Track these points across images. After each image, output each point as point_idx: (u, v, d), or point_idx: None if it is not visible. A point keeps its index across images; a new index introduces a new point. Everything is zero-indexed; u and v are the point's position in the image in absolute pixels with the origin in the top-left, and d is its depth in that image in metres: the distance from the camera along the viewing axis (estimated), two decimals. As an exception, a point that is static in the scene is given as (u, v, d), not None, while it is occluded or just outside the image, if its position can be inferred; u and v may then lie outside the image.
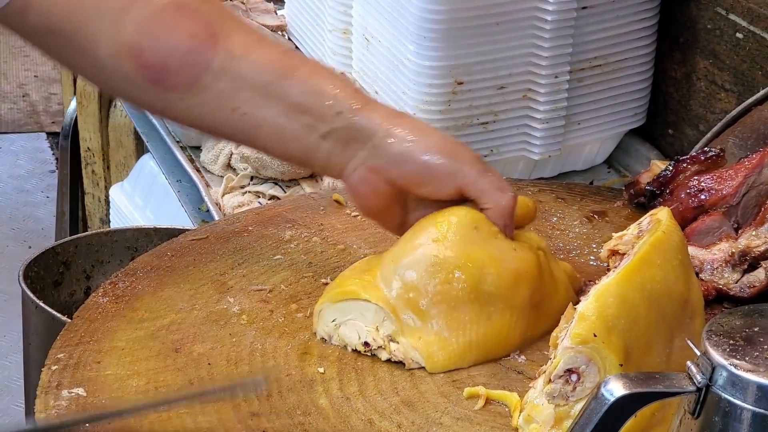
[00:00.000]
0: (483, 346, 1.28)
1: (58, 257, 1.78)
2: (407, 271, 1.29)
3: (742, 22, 1.83)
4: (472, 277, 1.27)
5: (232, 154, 1.94)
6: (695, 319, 1.25)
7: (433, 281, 1.28)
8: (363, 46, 1.98)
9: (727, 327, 1.01)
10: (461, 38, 1.82)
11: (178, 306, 1.41)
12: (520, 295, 1.29)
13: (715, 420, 0.98)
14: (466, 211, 1.32)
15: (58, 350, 1.32)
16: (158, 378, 1.29)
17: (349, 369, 1.31)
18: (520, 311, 1.29)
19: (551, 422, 1.17)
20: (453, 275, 1.28)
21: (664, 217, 1.28)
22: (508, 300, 1.28)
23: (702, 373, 0.99)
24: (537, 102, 1.89)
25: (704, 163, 1.59)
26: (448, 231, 1.30)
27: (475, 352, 1.28)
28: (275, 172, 1.89)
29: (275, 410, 1.25)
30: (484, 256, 1.29)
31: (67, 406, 1.24)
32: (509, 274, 1.29)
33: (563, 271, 1.39)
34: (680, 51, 1.98)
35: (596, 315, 1.17)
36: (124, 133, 2.61)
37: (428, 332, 1.27)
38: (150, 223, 2.17)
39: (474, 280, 1.27)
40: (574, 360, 1.16)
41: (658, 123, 2.04)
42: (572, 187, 1.72)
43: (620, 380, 1.00)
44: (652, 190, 1.61)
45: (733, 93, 1.87)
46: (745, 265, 1.46)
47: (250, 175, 1.92)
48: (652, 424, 1.17)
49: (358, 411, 1.25)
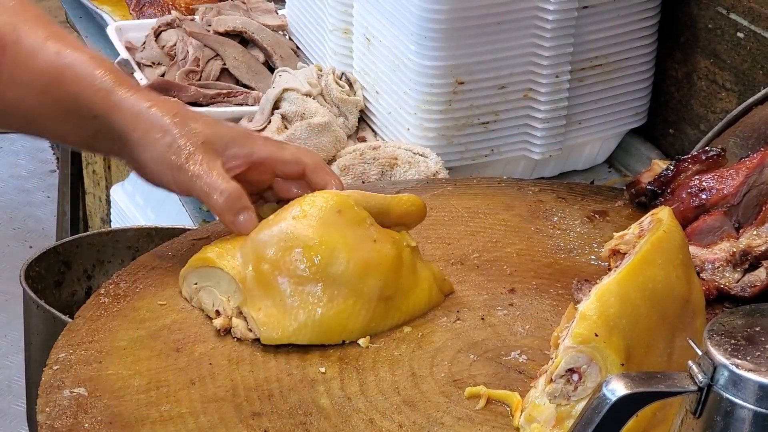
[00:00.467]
0: (321, 327, 1.29)
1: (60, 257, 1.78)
2: (260, 244, 1.33)
3: (743, 21, 1.83)
4: (322, 258, 1.30)
5: (233, 154, 1.94)
6: (696, 319, 1.25)
7: (282, 256, 1.31)
8: (364, 45, 1.98)
9: (728, 326, 1.01)
10: (462, 38, 1.82)
11: (179, 306, 1.41)
12: (368, 285, 1.31)
13: (716, 419, 0.98)
14: (334, 194, 1.36)
15: (59, 350, 1.32)
16: (159, 378, 1.29)
17: (351, 369, 1.31)
18: (366, 300, 1.31)
19: (553, 422, 1.17)
20: (302, 253, 1.30)
21: (665, 216, 1.28)
22: (356, 287, 1.30)
23: (703, 373, 0.99)
24: (538, 102, 1.89)
25: (705, 162, 1.59)
26: (310, 210, 1.34)
27: (312, 330, 1.29)
28: (276, 171, 1.89)
29: (277, 410, 1.25)
30: (338, 240, 1.32)
31: (68, 405, 1.24)
32: (360, 262, 1.31)
33: (431, 272, 1.40)
34: (681, 50, 1.98)
35: (598, 315, 1.17)
36: (125, 132, 2.61)
37: (269, 305, 1.29)
38: (151, 222, 2.17)
39: (323, 261, 1.30)
40: (575, 360, 1.16)
41: (659, 122, 2.04)
42: (573, 187, 1.72)
43: (622, 380, 1.00)
44: (653, 190, 1.61)
45: (734, 92, 1.87)
46: (746, 264, 1.46)
47: (251, 175, 1.92)
48: (653, 423, 1.17)
49: (359, 411, 1.25)
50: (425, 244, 1.51)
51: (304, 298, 1.30)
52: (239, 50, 2.19)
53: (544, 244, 1.56)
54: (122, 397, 1.26)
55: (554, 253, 1.55)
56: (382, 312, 1.33)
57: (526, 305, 1.44)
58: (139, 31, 2.29)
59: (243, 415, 1.24)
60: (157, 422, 1.23)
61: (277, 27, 2.28)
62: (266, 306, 1.30)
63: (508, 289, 1.46)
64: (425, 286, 1.38)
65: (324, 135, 1.90)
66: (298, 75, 2.01)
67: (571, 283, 1.43)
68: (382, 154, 1.84)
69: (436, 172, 1.82)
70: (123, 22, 2.39)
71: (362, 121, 2.03)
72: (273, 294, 1.30)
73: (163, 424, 1.22)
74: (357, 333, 1.33)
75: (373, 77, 1.98)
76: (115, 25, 2.33)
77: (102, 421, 1.22)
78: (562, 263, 1.53)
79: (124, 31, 2.31)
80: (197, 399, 1.26)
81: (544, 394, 1.18)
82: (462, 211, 1.64)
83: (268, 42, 2.22)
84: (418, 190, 1.66)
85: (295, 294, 1.30)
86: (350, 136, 2.00)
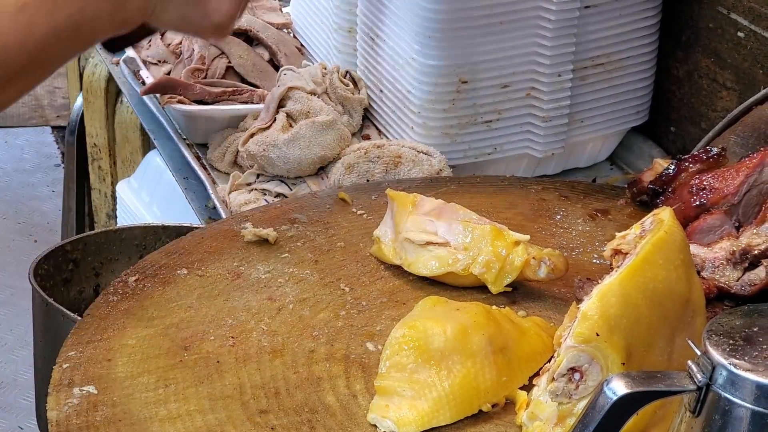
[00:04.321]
0: (455, 398, 1.26)
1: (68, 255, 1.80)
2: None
3: (744, 21, 1.84)
4: (417, 341, 1.28)
5: (238, 152, 1.95)
6: (696, 319, 1.26)
7: (384, 358, 1.29)
8: (368, 44, 1.99)
9: (727, 327, 1.03)
10: (465, 38, 1.83)
11: (187, 304, 1.42)
12: (475, 343, 1.28)
13: (715, 418, 1.00)
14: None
15: (69, 348, 1.34)
16: (168, 375, 1.30)
17: (356, 367, 1.33)
18: (482, 357, 1.27)
19: (554, 420, 1.19)
20: (398, 346, 1.28)
21: (666, 217, 1.29)
22: (464, 350, 1.27)
23: (702, 373, 1.00)
24: (540, 100, 1.90)
25: (706, 162, 1.60)
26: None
27: (449, 405, 1.25)
28: (281, 169, 1.90)
29: (283, 407, 1.27)
30: (425, 320, 1.30)
31: (78, 403, 1.26)
32: (457, 326, 1.29)
33: (532, 321, 1.38)
34: (682, 49, 1.99)
35: (599, 314, 1.18)
36: (131, 129, 2.63)
37: (395, 400, 1.26)
38: (157, 219, 2.18)
39: (420, 343, 1.28)
40: (576, 359, 1.18)
41: (661, 120, 2.06)
42: (576, 185, 1.74)
43: (622, 379, 1.02)
44: (654, 189, 1.63)
45: (735, 91, 1.88)
46: (746, 263, 1.47)
47: (256, 173, 1.94)
48: (653, 422, 1.19)
49: (364, 408, 1.27)
50: (429, 242, 1.52)
51: (423, 382, 1.26)
52: (244, 48, 2.20)
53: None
54: (131, 395, 1.27)
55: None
56: (504, 364, 1.29)
57: (529, 303, 1.45)
58: (145, 29, 2.30)
59: (250, 413, 1.26)
60: (166, 420, 1.24)
61: (281, 25, 2.29)
62: (392, 402, 1.26)
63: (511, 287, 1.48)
64: (532, 333, 1.35)
65: (329, 133, 1.91)
66: (303, 73, 2.02)
67: (574, 282, 1.44)
68: (386, 153, 1.85)
69: (440, 170, 1.83)
70: (128, 20, 2.39)
71: (366, 119, 2.05)
72: (392, 393, 1.27)
73: (171, 422, 1.24)
74: (494, 391, 1.27)
75: (377, 76, 1.99)
76: (121, 23, 2.33)
77: (111, 419, 1.24)
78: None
79: (130, 29, 2.31)
80: (205, 397, 1.28)
81: (546, 393, 1.19)
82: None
83: (273, 40, 2.23)
84: (422, 188, 1.67)
85: (412, 381, 1.26)
86: (355, 134, 2.01)
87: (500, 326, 1.31)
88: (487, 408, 1.26)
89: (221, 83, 2.12)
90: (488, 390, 1.27)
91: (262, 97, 2.07)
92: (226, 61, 2.17)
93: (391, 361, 1.28)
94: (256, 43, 2.23)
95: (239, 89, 2.10)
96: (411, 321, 1.31)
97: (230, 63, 2.17)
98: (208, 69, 2.15)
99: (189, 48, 2.18)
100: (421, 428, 1.24)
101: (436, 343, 1.27)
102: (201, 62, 2.15)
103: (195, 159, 2.02)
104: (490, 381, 1.27)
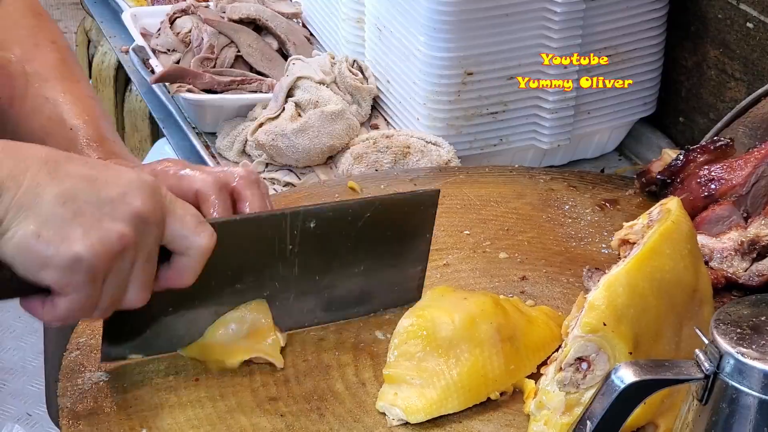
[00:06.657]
0: (463, 386, 1.26)
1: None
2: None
3: (753, 11, 1.85)
4: (426, 330, 1.28)
5: (247, 141, 1.96)
6: (704, 308, 1.27)
7: (393, 347, 1.30)
8: (375, 35, 2.00)
9: (734, 316, 1.03)
10: (471, 29, 1.83)
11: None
12: (483, 331, 1.28)
13: (722, 407, 1.01)
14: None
15: (79, 335, 1.35)
16: (178, 363, 1.31)
17: (365, 355, 1.34)
18: (490, 346, 1.27)
19: (562, 409, 1.19)
20: (406, 335, 1.29)
21: (673, 206, 1.30)
22: (472, 338, 1.27)
23: (710, 361, 1.01)
24: (546, 92, 1.90)
25: (714, 152, 1.61)
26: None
27: (457, 393, 1.26)
28: (290, 159, 1.91)
29: (292, 395, 1.27)
30: (433, 309, 1.31)
31: (89, 390, 1.26)
32: (464, 315, 1.29)
33: (541, 311, 1.39)
34: (691, 40, 1.99)
35: (606, 304, 1.18)
36: (140, 117, 2.63)
37: (404, 389, 1.26)
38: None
39: (429, 332, 1.28)
40: (584, 348, 1.18)
41: (669, 111, 2.06)
42: (584, 175, 1.74)
43: (630, 368, 1.02)
44: (663, 179, 1.63)
45: (743, 82, 1.89)
46: (754, 253, 1.48)
47: (265, 162, 1.94)
48: (661, 410, 1.19)
49: (373, 396, 1.28)
50: (437, 232, 1.52)
51: (432, 370, 1.26)
52: (253, 37, 2.20)
53: (555, 233, 1.58)
54: (141, 382, 1.28)
55: (565, 242, 1.57)
56: (513, 353, 1.29)
57: (537, 293, 1.46)
58: (154, 18, 2.31)
59: (259, 400, 1.26)
60: (176, 406, 1.25)
61: (291, 14, 2.30)
62: (401, 390, 1.26)
63: (519, 276, 1.49)
64: (540, 322, 1.35)
65: (337, 122, 1.92)
66: (312, 63, 2.03)
67: (582, 271, 1.45)
68: (395, 143, 1.85)
69: (448, 161, 1.84)
70: (138, 8, 2.40)
71: (375, 109, 2.05)
72: (401, 381, 1.27)
73: (182, 408, 1.25)
74: (503, 380, 1.28)
75: (384, 67, 1.99)
76: (131, 11, 2.34)
77: (122, 405, 1.25)
78: (572, 251, 1.55)
79: (139, 17, 2.32)
80: (215, 384, 1.28)
81: (554, 382, 1.20)
82: (474, 199, 1.66)
83: (282, 29, 2.23)
84: (431, 178, 1.68)
85: (421, 369, 1.26)
86: (363, 123, 2.02)
87: (508, 315, 1.31)
88: (495, 396, 1.27)
89: (230, 72, 2.13)
90: (496, 378, 1.27)
91: (271, 86, 2.08)
92: (235, 51, 2.17)
93: (400, 350, 1.28)
94: (265, 32, 2.24)
95: (248, 78, 2.11)
96: (419, 310, 1.32)
97: (239, 52, 2.17)
98: (217, 58, 2.16)
99: (198, 37, 2.19)
100: (429, 416, 1.24)
101: (444, 331, 1.27)
102: (210, 51, 2.16)
103: (204, 148, 2.03)
104: (498, 369, 1.27)
